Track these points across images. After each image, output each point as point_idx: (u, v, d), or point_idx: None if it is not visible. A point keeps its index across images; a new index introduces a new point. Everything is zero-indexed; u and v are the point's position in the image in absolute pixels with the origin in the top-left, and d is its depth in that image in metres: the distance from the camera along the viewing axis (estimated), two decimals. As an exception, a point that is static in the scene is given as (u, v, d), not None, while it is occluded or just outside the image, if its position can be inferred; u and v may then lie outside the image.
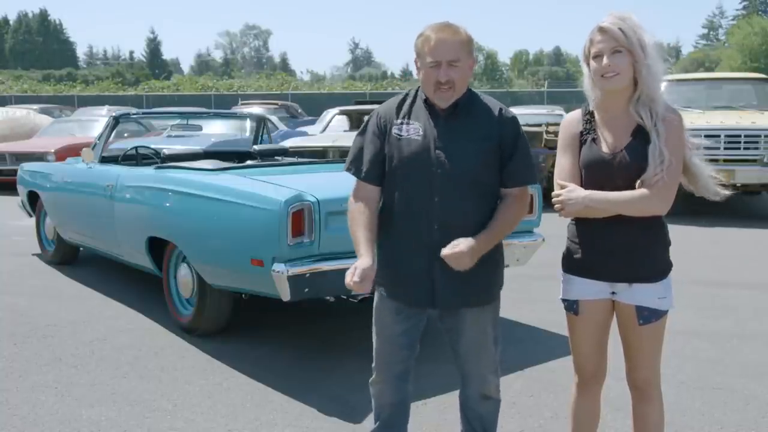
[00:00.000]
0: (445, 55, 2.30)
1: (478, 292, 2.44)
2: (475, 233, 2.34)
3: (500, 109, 2.42)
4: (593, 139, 2.32)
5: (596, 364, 2.51)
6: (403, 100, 2.48)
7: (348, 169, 2.53)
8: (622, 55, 2.22)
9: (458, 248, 2.26)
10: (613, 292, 2.37)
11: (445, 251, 2.27)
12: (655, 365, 2.45)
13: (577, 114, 2.41)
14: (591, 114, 2.37)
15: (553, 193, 2.34)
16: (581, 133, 2.36)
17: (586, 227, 2.37)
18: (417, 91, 2.47)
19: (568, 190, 2.30)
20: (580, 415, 2.60)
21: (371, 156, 2.45)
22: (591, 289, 2.39)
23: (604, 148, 2.30)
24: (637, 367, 2.44)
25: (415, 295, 2.45)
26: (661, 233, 2.35)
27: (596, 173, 2.29)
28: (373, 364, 2.63)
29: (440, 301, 2.44)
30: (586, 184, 2.31)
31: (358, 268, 2.30)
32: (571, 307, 2.45)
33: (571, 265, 2.43)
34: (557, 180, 2.36)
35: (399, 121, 2.42)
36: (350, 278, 2.29)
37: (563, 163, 2.36)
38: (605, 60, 2.24)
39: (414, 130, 2.39)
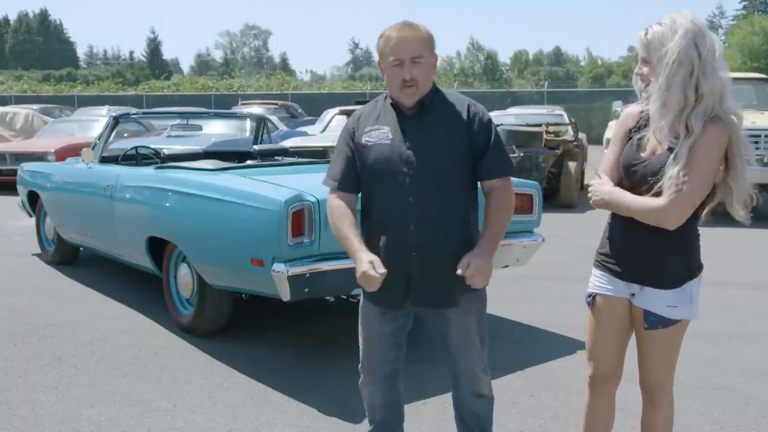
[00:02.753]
0: (407, 52, 2.31)
1: (452, 293, 2.42)
2: (451, 229, 2.37)
3: (468, 105, 2.43)
4: (639, 139, 2.28)
5: (609, 365, 2.46)
6: (373, 107, 2.49)
7: (325, 182, 2.53)
8: (649, 65, 2.17)
9: (472, 267, 2.26)
10: (633, 294, 2.36)
11: (466, 277, 2.26)
12: (666, 371, 2.43)
13: (636, 109, 2.35)
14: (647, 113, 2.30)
15: (590, 181, 2.37)
16: (630, 129, 2.33)
17: (615, 224, 2.37)
18: (386, 96, 2.48)
19: (599, 182, 2.31)
20: (590, 416, 2.56)
21: (344, 166, 2.46)
22: (609, 286, 2.38)
23: (644, 152, 2.26)
24: (647, 371, 2.43)
25: (391, 295, 2.44)
26: (679, 240, 2.28)
27: (628, 174, 2.28)
28: (360, 366, 2.64)
29: (415, 300, 2.44)
30: (621, 182, 2.30)
31: (375, 261, 2.27)
32: (588, 299, 2.44)
33: (597, 258, 2.43)
34: (597, 169, 2.38)
35: (368, 128, 2.43)
36: (373, 271, 2.24)
37: (608, 155, 2.36)
38: (636, 66, 2.23)
39: (383, 134, 2.39)
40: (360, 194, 2.50)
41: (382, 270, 2.26)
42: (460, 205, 2.42)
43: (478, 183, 2.47)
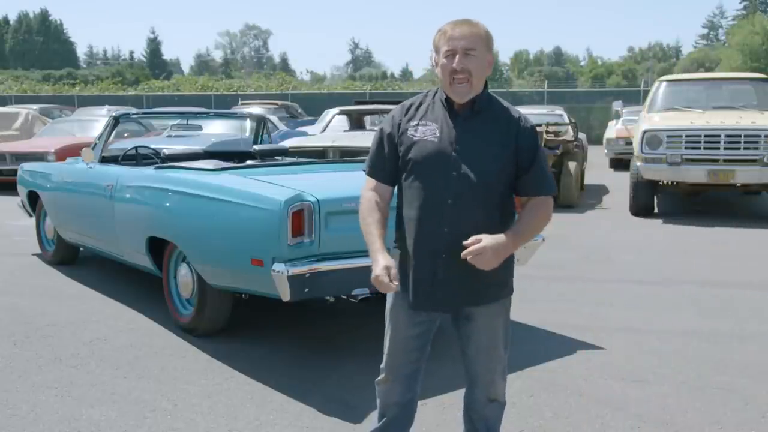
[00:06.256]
0: (461, 43, 2.28)
1: (477, 292, 2.41)
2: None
3: (519, 118, 2.39)
4: None
5: None
6: (421, 101, 2.46)
7: (364, 169, 2.52)
8: None
9: (480, 244, 2.22)
10: None
11: (466, 251, 2.23)
12: None
13: None
14: None
15: None
16: None
17: None
18: (436, 91, 2.45)
19: None
20: None
21: (383, 155, 2.44)
22: None
23: None
24: None
25: (418, 298, 2.44)
26: None
27: None
28: (382, 365, 2.62)
29: (440, 303, 2.43)
30: None
31: (392, 268, 2.28)
32: None
33: None
34: None
35: (415, 122, 2.39)
36: (387, 278, 2.25)
37: None
38: None
39: (430, 131, 2.35)
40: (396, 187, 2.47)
41: (397, 282, 2.27)
42: (497, 213, 2.38)
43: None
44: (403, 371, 2.59)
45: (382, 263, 2.28)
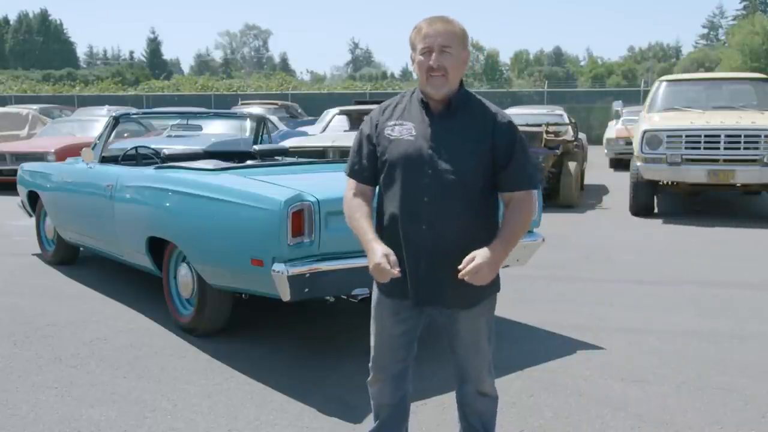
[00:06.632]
0: (437, 40, 2.31)
1: (462, 294, 2.39)
2: (465, 233, 2.35)
3: (495, 114, 2.39)
4: None
5: None
6: (398, 101, 2.49)
7: (344, 170, 2.55)
8: None
9: (475, 262, 2.24)
10: None
11: (463, 272, 2.25)
12: None
13: None
14: None
15: None
16: None
17: None
18: (414, 91, 2.48)
19: None
20: None
21: (363, 155, 2.48)
22: None
23: None
24: None
25: (398, 290, 2.45)
26: None
27: None
28: (370, 364, 2.64)
29: (419, 299, 2.44)
30: None
31: (390, 255, 2.29)
32: None
33: None
34: None
35: (392, 122, 2.42)
36: (388, 265, 2.26)
37: None
38: None
39: (407, 130, 2.38)
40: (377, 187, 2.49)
41: (398, 268, 2.28)
42: (476, 210, 2.39)
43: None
44: (391, 371, 2.60)
45: (380, 251, 2.30)
